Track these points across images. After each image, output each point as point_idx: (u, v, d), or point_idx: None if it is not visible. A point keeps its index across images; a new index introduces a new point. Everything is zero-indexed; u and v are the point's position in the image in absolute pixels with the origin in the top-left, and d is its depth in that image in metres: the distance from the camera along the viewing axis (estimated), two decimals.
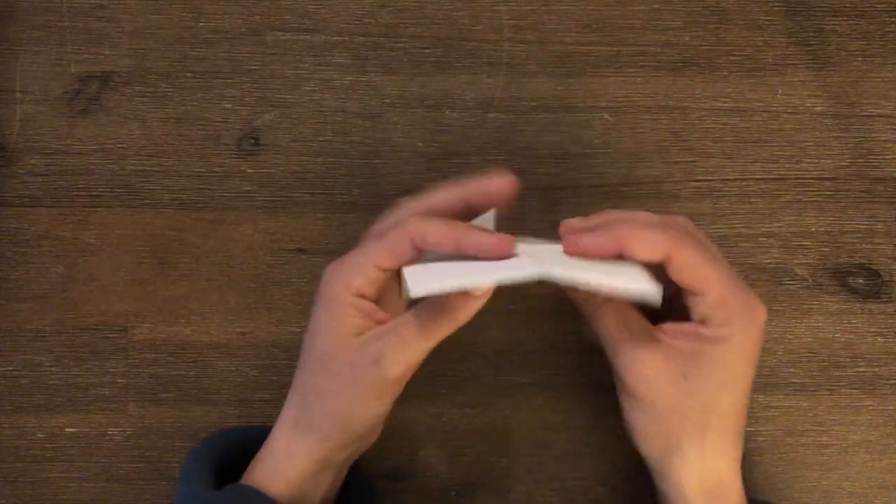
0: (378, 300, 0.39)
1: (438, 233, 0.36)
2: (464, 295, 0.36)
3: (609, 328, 0.38)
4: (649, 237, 0.36)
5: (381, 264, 0.37)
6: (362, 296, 0.38)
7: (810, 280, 0.48)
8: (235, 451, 0.41)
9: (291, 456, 0.39)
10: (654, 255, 0.36)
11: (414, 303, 0.38)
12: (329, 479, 0.40)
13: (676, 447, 0.37)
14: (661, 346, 0.37)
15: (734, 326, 0.36)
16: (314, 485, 0.39)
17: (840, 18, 0.49)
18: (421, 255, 0.37)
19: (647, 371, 0.37)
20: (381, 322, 0.38)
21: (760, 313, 0.37)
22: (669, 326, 0.38)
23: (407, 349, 0.37)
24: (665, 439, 0.38)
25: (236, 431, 0.43)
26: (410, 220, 0.37)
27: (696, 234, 0.38)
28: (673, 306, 0.39)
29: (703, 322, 0.37)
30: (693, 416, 0.37)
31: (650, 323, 0.39)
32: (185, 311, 0.47)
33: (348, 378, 0.37)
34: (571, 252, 0.36)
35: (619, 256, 0.36)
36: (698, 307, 0.37)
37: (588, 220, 0.38)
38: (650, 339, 0.37)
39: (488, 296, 0.37)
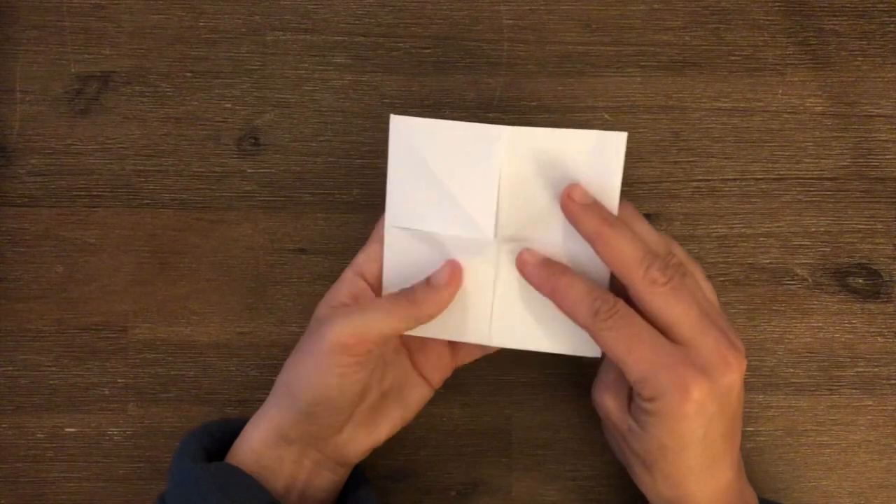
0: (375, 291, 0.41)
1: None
2: (428, 286, 0.39)
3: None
4: (574, 308, 0.37)
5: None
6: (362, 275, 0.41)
7: (810, 280, 0.48)
8: (226, 437, 0.42)
9: (258, 422, 0.40)
10: (582, 325, 0.37)
11: None
12: (290, 459, 0.40)
13: (701, 468, 0.37)
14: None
15: (661, 402, 0.36)
16: (275, 459, 0.40)
17: (840, 18, 0.49)
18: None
19: (696, 392, 0.36)
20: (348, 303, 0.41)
21: (695, 389, 0.36)
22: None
23: (359, 319, 0.38)
24: (689, 457, 0.37)
25: (233, 421, 0.43)
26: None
27: (682, 280, 0.37)
28: None
29: (638, 394, 0.37)
30: (718, 428, 0.37)
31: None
32: (185, 311, 0.47)
33: (302, 347, 0.40)
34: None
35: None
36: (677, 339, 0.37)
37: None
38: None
39: (452, 293, 0.39)
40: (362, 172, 0.48)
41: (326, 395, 0.39)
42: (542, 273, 0.39)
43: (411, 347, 0.43)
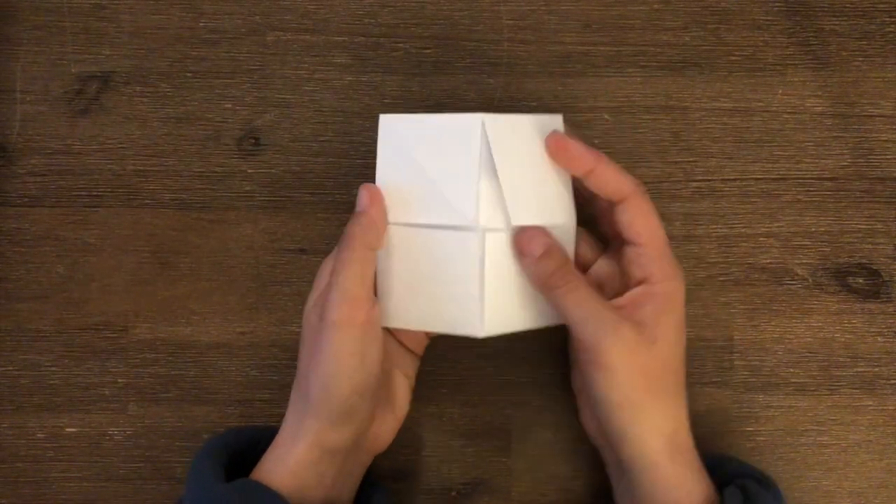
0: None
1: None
2: (355, 216, 0.40)
3: (574, 307, 0.39)
4: (619, 175, 0.40)
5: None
6: None
7: (810, 280, 0.48)
8: (246, 449, 0.41)
9: (294, 442, 0.39)
10: (615, 193, 0.40)
11: None
12: (335, 475, 0.40)
13: (640, 410, 0.38)
14: (629, 320, 0.39)
15: (674, 281, 0.40)
16: (316, 475, 0.39)
17: (840, 18, 0.49)
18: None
19: (622, 346, 0.38)
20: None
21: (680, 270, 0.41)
22: (627, 297, 0.40)
23: (336, 290, 0.38)
24: (630, 405, 0.38)
25: (247, 430, 0.43)
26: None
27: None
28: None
29: (646, 280, 0.40)
30: (655, 377, 0.39)
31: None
32: (185, 311, 0.48)
33: (312, 345, 0.39)
34: (553, 146, 0.40)
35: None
36: (640, 260, 0.40)
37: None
38: (617, 314, 0.39)
39: (376, 209, 0.40)
40: (362, 172, 0.48)
41: (357, 381, 0.38)
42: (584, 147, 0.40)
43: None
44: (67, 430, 0.47)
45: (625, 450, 0.39)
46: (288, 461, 0.39)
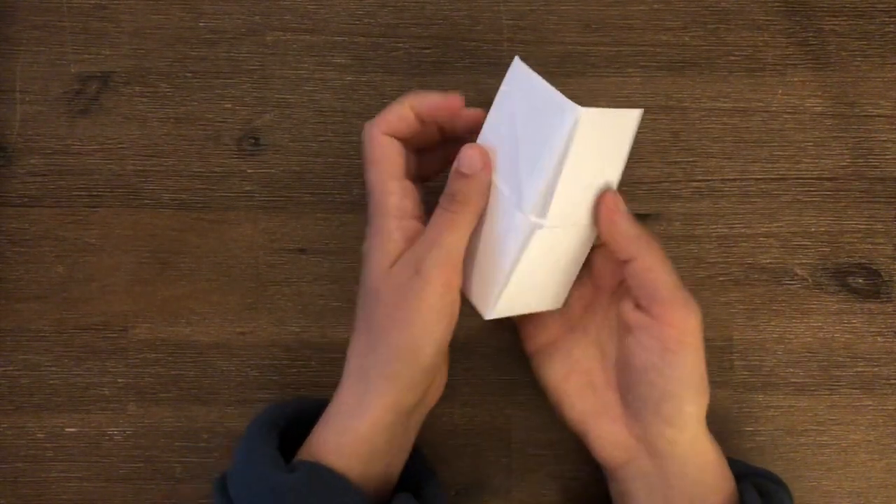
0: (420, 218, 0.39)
1: (393, 111, 0.39)
2: (462, 177, 0.38)
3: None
4: (661, 274, 0.39)
5: (394, 174, 0.39)
6: (404, 215, 0.38)
7: (810, 280, 0.48)
8: (296, 422, 0.40)
9: (363, 407, 0.37)
10: (646, 297, 0.39)
11: None
12: (400, 433, 0.39)
13: (699, 391, 0.39)
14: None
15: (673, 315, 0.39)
16: (388, 439, 0.38)
17: (840, 18, 0.49)
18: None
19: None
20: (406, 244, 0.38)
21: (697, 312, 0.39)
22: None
23: (440, 249, 0.37)
24: (694, 384, 0.39)
25: (293, 403, 0.42)
26: (369, 123, 0.40)
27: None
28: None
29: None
30: (703, 363, 0.39)
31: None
32: (185, 311, 0.48)
33: (399, 302, 0.37)
34: (606, 216, 0.38)
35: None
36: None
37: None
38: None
39: (487, 173, 0.38)
40: (362, 172, 0.48)
41: (443, 342, 0.37)
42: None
43: None
44: (67, 430, 0.47)
45: (668, 431, 0.39)
46: (359, 428, 0.37)
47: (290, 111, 0.48)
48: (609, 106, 0.48)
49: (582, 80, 0.48)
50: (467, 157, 0.38)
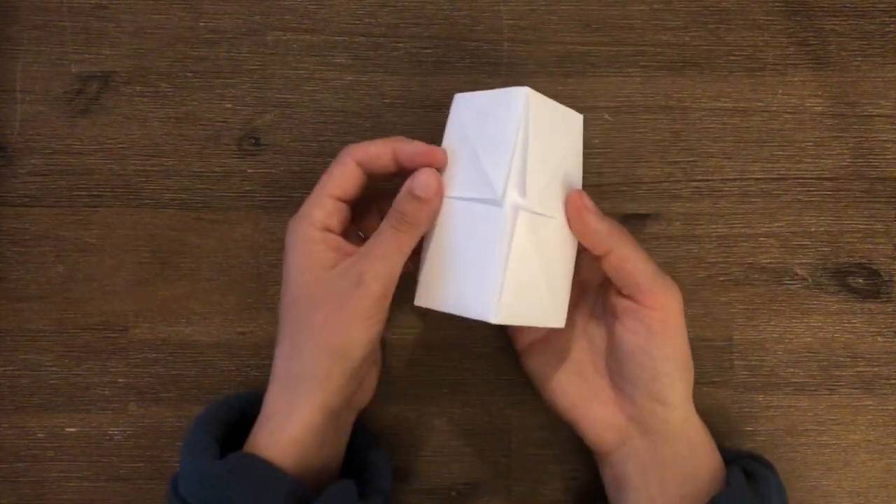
0: (344, 236, 0.40)
1: (376, 145, 0.40)
2: (415, 199, 0.38)
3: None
4: (640, 265, 0.40)
5: (332, 193, 0.39)
6: (328, 229, 0.39)
7: (810, 280, 0.48)
8: (237, 418, 0.41)
9: (293, 409, 0.38)
10: (627, 286, 0.40)
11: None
12: (333, 434, 0.40)
13: (685, 370, 0.41)
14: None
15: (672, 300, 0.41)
16: (320, 440, 0.39)
17: (840, 18, 0.49)
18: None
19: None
20: (350, 254, 0.39)
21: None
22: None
23: (383, 264, 0.38)
24: (679, 363, 0.41)
25: (231, 399, 0.42)
26: (348, 147, 0.40)
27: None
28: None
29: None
30: (687, 343, 0.41)
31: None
32: (185, 311, 0.48)
33: (335, 306, 0.38)
34: (575, 215, 0.39)
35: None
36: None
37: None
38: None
39: (439, 199, 0.39)
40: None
41: (374, 344, 0.39)
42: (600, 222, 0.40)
43: None
44: (67, 429, 0.47)
45: (661, 410, 0.40)
46: (291, 431, 0.38)
47: (290, 111, 0.48)
48: (609, 107, 0.48)
49: (582, 80, 0.48)
50: (423, 180, 0.39)
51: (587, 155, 0.48)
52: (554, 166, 0.39)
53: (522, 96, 0.38)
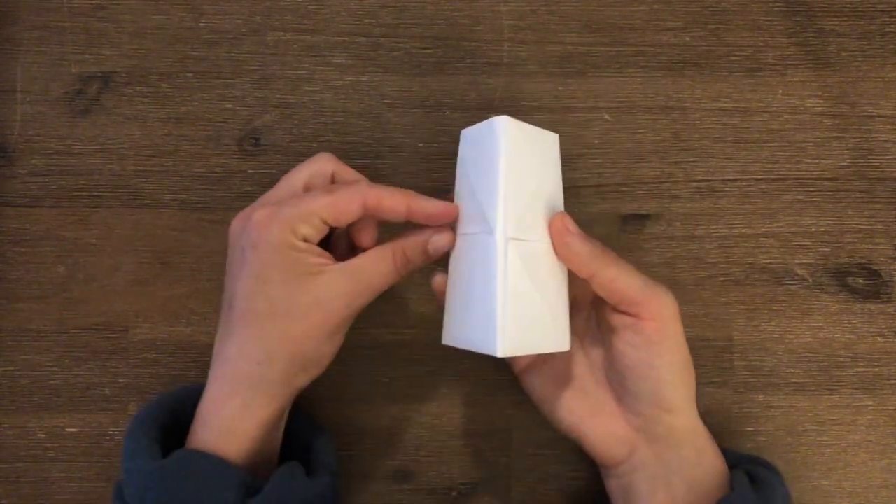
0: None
1: (393, 197, 0.39)
2: (425, 254, 0.40)
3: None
4: (628, 280, 0.40)
5: (327, 218, 0.38)
6: (307, 240, 0.39)
7: (810, 280, 0.48)
8: (175, 415, 0.41)
9: (251, 410, 0.38)
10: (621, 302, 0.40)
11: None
12: (280, 428, 0.41)
13: (689, 378, 0.41)
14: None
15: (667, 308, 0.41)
16: (273, 434, 0.40)
17: (840, 18, 0.49)
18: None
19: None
20: (329, 263, 0.39)
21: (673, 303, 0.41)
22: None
23: (372, 291, 0.39)
24: (680, 371, 0.40)
25: (165, 398, 0.42)
26: (362, 183, 0.39)
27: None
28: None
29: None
30: (686, 350, 0.41)
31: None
32: (185, 311, 0.48)
33: (318, 321, 0.38)
34: (558, 239, 0.39)
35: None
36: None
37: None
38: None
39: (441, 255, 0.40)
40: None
41: (332, 357, 0.40)
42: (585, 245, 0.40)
43: None
44: (68, 430, 0.47)
45: (667, 418, 0.40)
46: (247, 431, 0.38)
47: (290, 111, 0.48)
48: (609, 107, 0.48)
49: (582, 80, 0.48)
50: (439, 246, 0.40)
51: (587, 155, 0.48)
52: (537, 191, 0.39)
53: (500, 126, 0.38)
